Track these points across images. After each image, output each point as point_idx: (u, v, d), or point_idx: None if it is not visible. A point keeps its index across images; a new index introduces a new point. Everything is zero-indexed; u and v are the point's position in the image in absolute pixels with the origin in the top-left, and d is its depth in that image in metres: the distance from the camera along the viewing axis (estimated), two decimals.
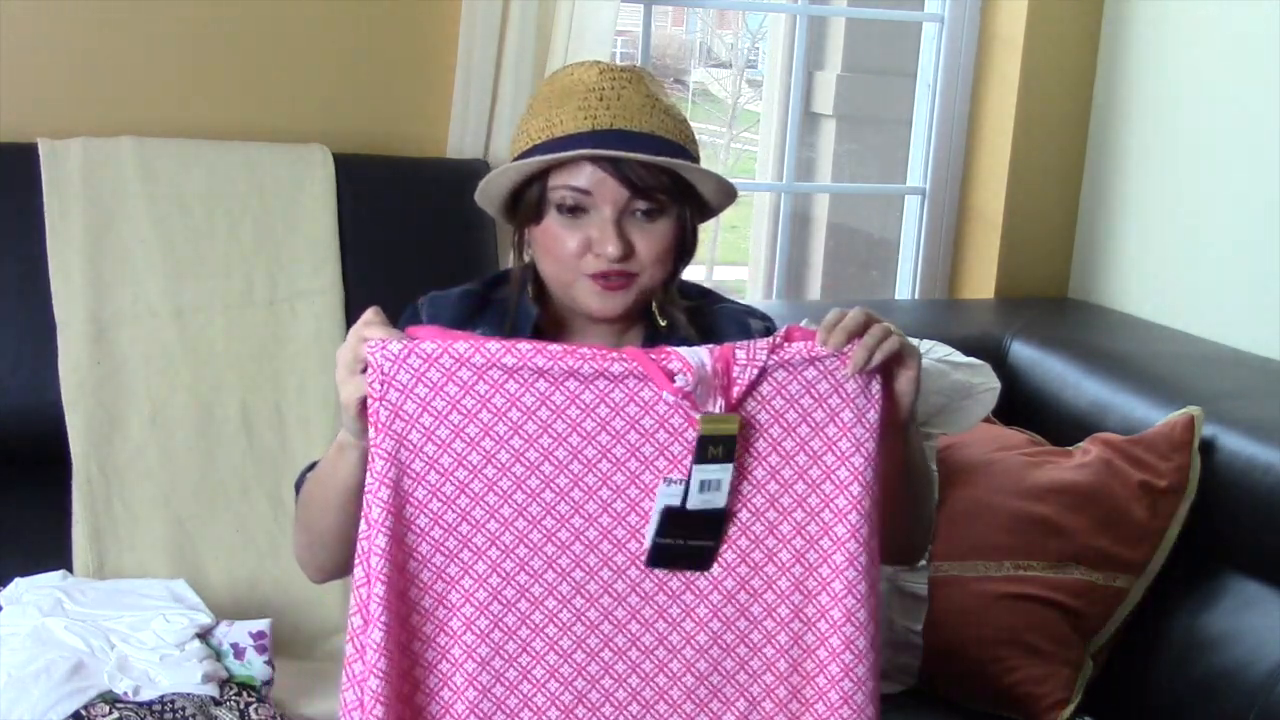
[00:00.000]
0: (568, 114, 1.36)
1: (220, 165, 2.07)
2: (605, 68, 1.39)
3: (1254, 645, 1.88)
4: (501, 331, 1.47)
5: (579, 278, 1.39)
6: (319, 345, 2.07)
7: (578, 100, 1.37)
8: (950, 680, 2.02)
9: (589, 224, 1.37)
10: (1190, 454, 2.04)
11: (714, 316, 1.54)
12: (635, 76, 1.39)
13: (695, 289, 1.57)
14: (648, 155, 1.34)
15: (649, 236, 1.38)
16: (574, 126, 1.35)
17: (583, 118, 1.36)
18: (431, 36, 2.32)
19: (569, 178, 1.36)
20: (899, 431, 1.31)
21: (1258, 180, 2.46)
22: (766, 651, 1.25)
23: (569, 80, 1.40)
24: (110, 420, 1.95)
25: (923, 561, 2.04)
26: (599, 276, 1.38)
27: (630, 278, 1.39)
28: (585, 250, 1.38)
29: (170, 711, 1.57)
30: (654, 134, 1.36)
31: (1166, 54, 2.67)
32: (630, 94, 1.37)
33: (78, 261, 1.96)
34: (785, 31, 3.34)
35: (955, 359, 2.21)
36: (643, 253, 1.38)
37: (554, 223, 1.38)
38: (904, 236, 2.99)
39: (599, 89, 1.37)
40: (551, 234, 1.39)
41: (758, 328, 1.54)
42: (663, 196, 1.37)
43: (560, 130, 1.36)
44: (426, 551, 1.21)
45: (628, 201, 1.36)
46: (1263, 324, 2.42)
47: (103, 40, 2.15)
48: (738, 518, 1.23)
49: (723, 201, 1.45)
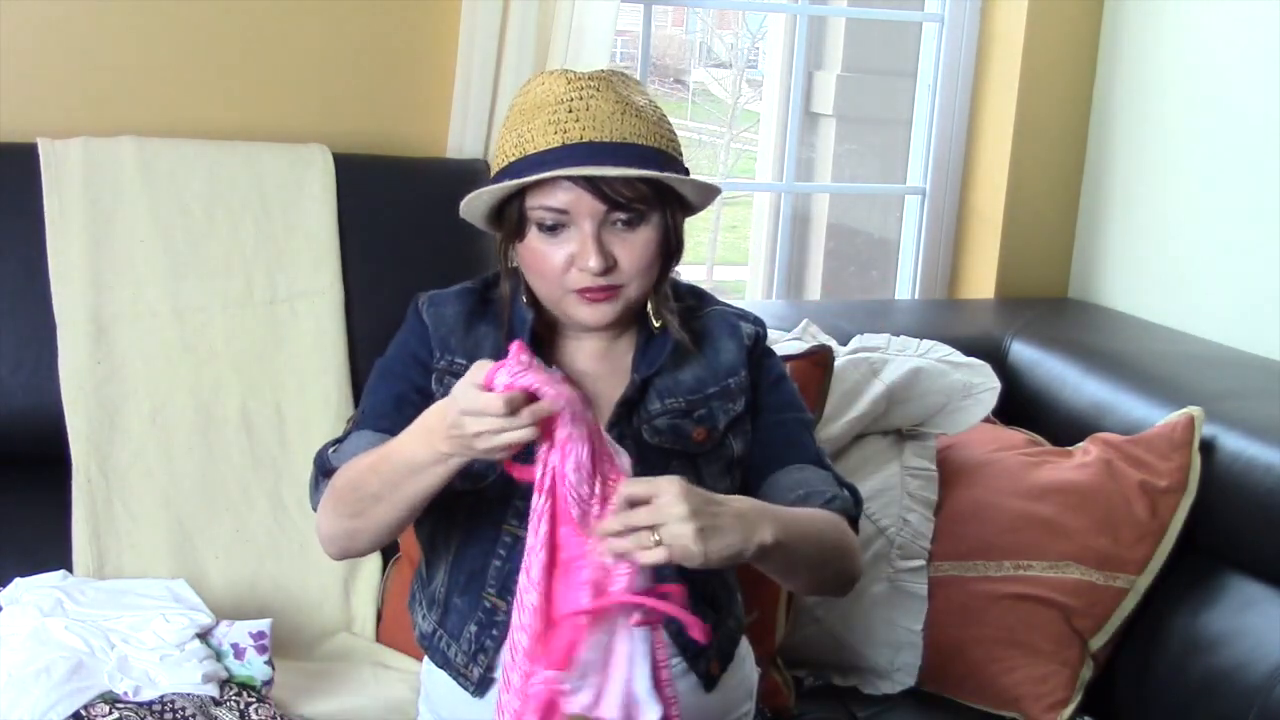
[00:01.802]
0: (538, 130, 1.35)
1: (220, 165, 2.07)
2: (573, 77, 1.38)
3: (1254, 645, 1.88)
4: (500, 335, 1.47)
5: (565, 293, 1.40)
6: (319, 345, 2.07)
7: (547, 114, 1.36)
8: (950, 680, 2.02)
9: (570, 239, 1.37)
10: (1190, 454, 2.04)
11: (706, 319, 1.54)
12: (604, 83, 1.38)
13: (689, 290, 1.58)
14: (619, 169, 1.33)
15: (630, 246, 1.38)
16: (545, 143, 1.35)
17: (553, 133, 1.35)
18: (431, 36, 2.32)
19: (545, 198, 1.36)
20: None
21: (1257, 180, 2.46)
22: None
23: (539, 92, 1.39)
24: (110, 420, 1.95)
25: (921, 562, 2.05)
26: (584, 291, 1.38)
27: (616, 289, 1.39)
28: (569, 266, 1.38)
29: (170, 711, 1.57)
30: (626, 141, 1.35)
31: (1166, 54, 2.67)
32: (599, 103, 1.36)
33: (78, 261, 1.96)
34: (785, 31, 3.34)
35: (955, 359, 2.21)
36: (625, 263, 1.38)
37: (536, 240, 1.39)
38: (904, 236, 2.99)
39: (567, 101, 1.36)
40: (535, 251, 1.39)
41: (748, 331, 1.54)
42: (640, 206, 1.37)
43: (531, 147, 1.35)
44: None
45: (605, 214, 1.36)
46: (1263, 324, 2.42)
47: (103, 40, 2.15)
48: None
49: (705, 198, 1.45)
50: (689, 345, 1.48)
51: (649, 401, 1.47)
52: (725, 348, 1.52)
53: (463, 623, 1.46)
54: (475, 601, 1.45)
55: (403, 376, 1.48)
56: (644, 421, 1.47)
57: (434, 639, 1.50)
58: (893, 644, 2.02)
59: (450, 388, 1.43)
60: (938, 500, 2.10)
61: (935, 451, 2.13)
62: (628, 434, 1.45)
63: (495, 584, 1.44)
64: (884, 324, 2.41)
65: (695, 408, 1.49)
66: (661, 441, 1.47)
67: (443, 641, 1.49)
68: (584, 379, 1.49)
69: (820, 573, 1.45)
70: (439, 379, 1.46)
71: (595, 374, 1.49)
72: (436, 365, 1.47)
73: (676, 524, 1.18)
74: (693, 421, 1.48)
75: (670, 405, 1.48)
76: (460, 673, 1.46)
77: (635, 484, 1.20)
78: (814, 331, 2.16)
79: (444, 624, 1.48)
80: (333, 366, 2.07)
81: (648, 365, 1.47)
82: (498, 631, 1.44)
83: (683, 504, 1.18)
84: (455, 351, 1.47)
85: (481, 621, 1.45)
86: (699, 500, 1.20)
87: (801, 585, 1.50)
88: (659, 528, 1.18)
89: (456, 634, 1.47)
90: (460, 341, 1.47)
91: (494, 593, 1.44)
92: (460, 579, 1.47)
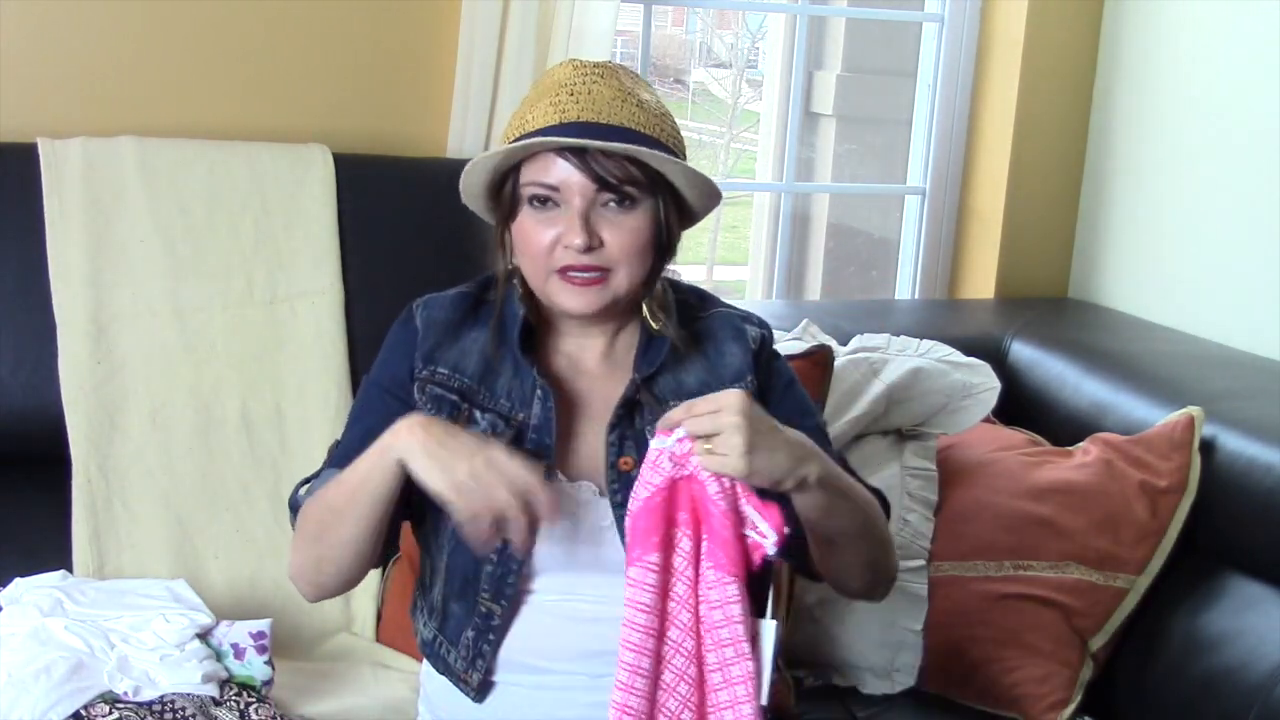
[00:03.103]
0: (539, 111, 1.38)
1: (220, 165, 2.07)
2: (580, 64, 1.41)
3: (1254, 645, 1.88)
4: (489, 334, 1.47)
5: (550, 274, 1.40)
6: (319, 345, 2.07)
7: (550, 97, 1.38)
8: (950, 680, 2.02)
9: (559, 218, 1.38)
10: (1190, 454, 2.04)
11: (709, 321, 1.53)
12: (609, 71, 1.40)
13: (692, 292, 1.57)
14: (608, 144, 1.33)
15: (618, 229, 1.38)
16: (543, 121, 1.37)
17: (552, 113, 1.36)
18: (431, 36, 2.33)
19: (537, 173, 1.37)
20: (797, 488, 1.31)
21: (1258, 180, 2.46)
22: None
23: (546, 80, 1.42)
24: (110, 420, 1.95)
25: (921, 562, 2.05)
26: (568, 270, 1.38)
27: (603, 273, 1.39)
28: (555, 245, 1.38)
29: (170, 711, 1.57)
30: (623, 126, 1.36)
31: (1166, 54, 2.67)
32: (601, 88, 1.37)
33: (78, 261, 1.96)
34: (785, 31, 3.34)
35: (955, 359, 2.22)
36: (611, 245, 1.38)
37: (527, 218, 1.40)
38: (904, 236, 2.99)
39: (569, 84, 1.38)
40: (524, 229, 1.40)
41: (754, 334, 1.53)
42: (631, 189, 1.37)
43: (530, 126, 1.37)
44: None
45: (595, 194, 1.36)
46: (1263, 324, 2.42)
47: (103, 40, 2.15)
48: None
49: (705, 201, 1.44)
50: (686, 345, 1.48)
51: (652, 403, 1.47)
52: (730, 350, 1.51)
53: (460, 628, 1.46)
54: (471, 606, 1.45)
55: (378, 408, 1.47)
56: (647, 422, 1.46)
57: (434, 645, 1.50)
58: (893, 644, 2.02)
59: (432, 397, 1.43)
60: (938, 500, 2.10)
61: (935, 451, 2.13)
62: (630, 435, 1.45)
63: (489, 588, 1.43)
64: (884, 324, 2.41)
65: None
66: None
67: (443, 648, 1.48)
68: (585, 379, 1.49)
69: (857, 546, 1.43)
70: (420, 388, 1.46)
71: (596, 373, 1.49)
72: (419, 375, 1.47)
73: (731, 433, 1.23)
74: None
75: (674, 407, 1.47)
76: (460, 678, 1.46)
77: (701, 400, 1.27)
78: (814, 331, 2.16)
79: (443, 630, 1.48)
80: (333, 366, 2.07)
81: (647, 365, 1.47)
82: (494, 636, 1.43)
83: (739, 416, 1.23)
84: (438, 362, 1.47)
85: (478, 626, 1.44)
86: (756, 417, 1.25)
87: (839, 555, 1.45)
88: (713, 436, 1.24)
89: (455, 639, 1.46)
90: (445, 351, 1.47)
91: (488, 597, 1.44)
92: (455, 584, 1.46)
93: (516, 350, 1.45)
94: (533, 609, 1.44)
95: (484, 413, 1.45)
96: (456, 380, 1.46)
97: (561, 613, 1.43)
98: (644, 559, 1.27)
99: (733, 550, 1.26)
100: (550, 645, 1.43)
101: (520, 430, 1.44)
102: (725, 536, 1.26)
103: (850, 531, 1.41)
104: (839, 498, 1.35)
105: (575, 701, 1.43)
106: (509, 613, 1.43)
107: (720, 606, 1.27)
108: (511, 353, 1.46)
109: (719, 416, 1.24)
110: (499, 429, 1.43)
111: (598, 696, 1.41)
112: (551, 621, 1.44)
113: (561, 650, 1.43)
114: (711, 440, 1.25)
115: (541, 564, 1.43)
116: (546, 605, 1.44)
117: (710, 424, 1.25)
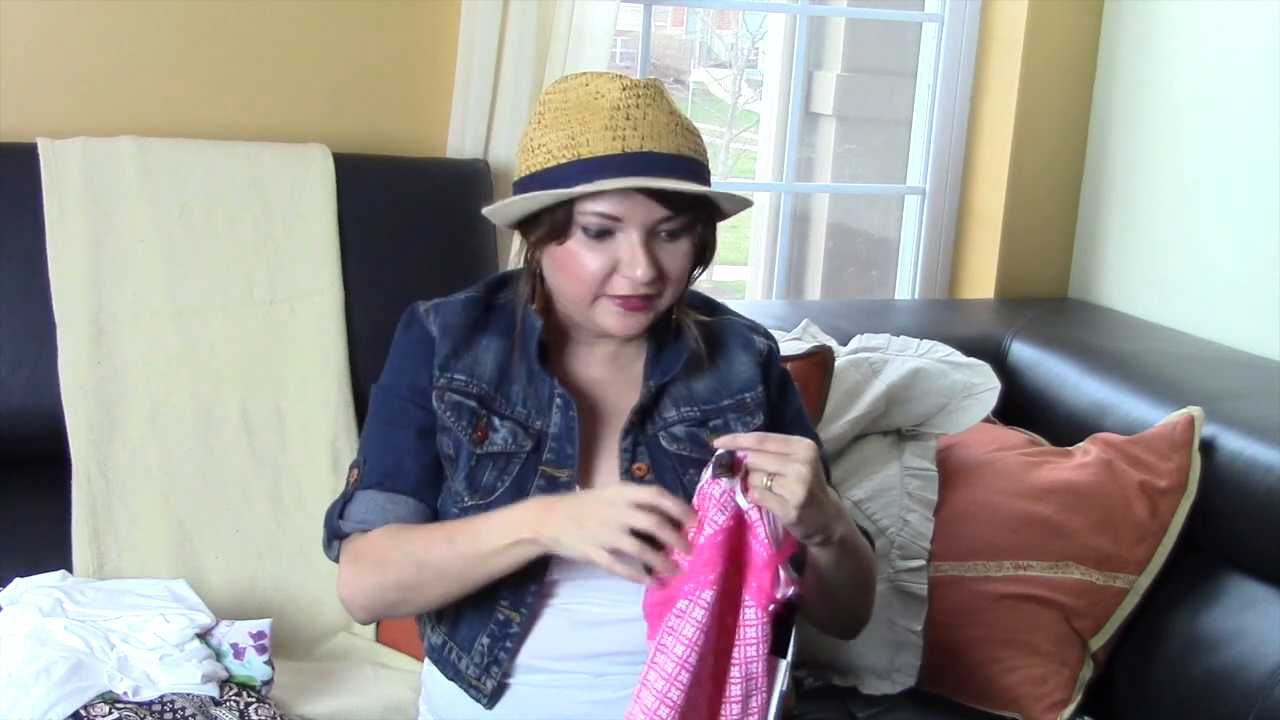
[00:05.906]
0: (595, 134, 1.34)
1: (220, 165, 2.07)
2: (628, 83, 1.37)
3: (1254, 645, 1.88)
4: (509, 343, 1.47)
5: (598, 299, 1.39)
6: (319, 345, 2.07)
7: (603, 119, 1.34)
8: (950, 680, 2.02)
9: (615, 246, 1.36)
10: (1190, 454, 2.04)
11: (720, 329, 1.53)
12: (656, 92, 1.37)
13: (701, 299, 1.57)
14: (687, 184, 1.33)
15: (674, 256, 1.38)
16: (603, 148, 1.33)
17: (610, 138, 1.33)
18: (431, 36, 2.32)
19: (600, 204, 1.34)
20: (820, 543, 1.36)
21: (1257, 180, 2.46)
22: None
23: (585, 94, 1.37)
24: (110, 420, 1.95)
25: (921, 562, 2.05)
26: (623, 299, 1.38)
27: (651, 299, 1.39)
28: (610, 272, 1.37)
29: (170, 711, 1.57)
30: (679, 154, 1.35)
31: (1166, 54, 2.67)
32: (655, 113, 1.35)
33: (78, 261, 1.96)
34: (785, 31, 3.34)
35: (955, 359, 2.21)
36: (670, 272, 1.38)
37: (578, 244, 1.37)
38: (904, 236, 2.99)
39: (624, 107, 1.34)
40: (574, 255, 1.37)
41: (761, 345, 1.54)
42: (689, 216, 1.37)
43: (588, 151, 1.34)
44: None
45: (656, 223, 1.36)
46: (1263, 324, 2.42)
47: (103, 40, 2.15)
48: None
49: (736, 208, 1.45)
50: (704, 355, 1.48)
51: (664, 409, 1.47)
52: (739, 360, 1.52)
53: (474, 635, 1.45)
54: (489, 614, 1.44)
55: (404, 420, 1.47)
56: (659, 429, 1.46)
57: (443, 651, 1.49)
58: (893, 644, 2.02)
59: (451, 404, 1.43)
60: (938, 500, 2.10)
61: (935, 451, 2.13)
62: (642, 441, 1.45)
63: (509, 597, 1.43)
64: (884, 324, 2.41)
65: (710, 417, 1.48)
66: (680, 449, 1.46)
67: (453, 654, 1.47)
68: (593, 386, 1.49)
69: (850, 596, 1.50)
70: (439, 395, 1.45)
71: (605, 381, 1.49)
72: (436, 383, 1.46)
73: (794, 480, 1.27)
74: (708, 431, 1.47)
75: (685, 414, 1.48)
76: (472, 685, 1.45)
77: (774, 437, 1.31)
78: (814, 331, 2.16)
79: (454, 636, 1.47)
80: (333, 366, 2.07)
81: (662, 373, 1.47)
82: (511, 644, 1.43)
83: (806, 468, 1.28)
84: (454, 368, 1.46)
85: (494, 634, 1.44)
86: (818, 473, 1.30)
87: (831, 603, 1.50)
88: (776, 476, 1.27)
89: (468, 646, 1.45)
90: (460, 357, 1.46)
91: (507, 605, 1.43)
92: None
93: (534, 359, 1.45)
94: (546, 614, 1.44)
95: (502, 420, 1.44)
96: (475, 386, 1.45)
97: (572, 616, 1.44)
98: (696, 594, 1.28)
99: (770, 590, 1.31)
100: (559, 648, 1.44)
101: (539, 439, 1.44)
102: (766, 577, 1.31)
103: (849, 585, 1.47)
104: (850, 555, 1.41)
105: (578, 699, 1.43)
106: (528, 620, 1.43)
107: (755, 644, 1.33)
108: (527, 360, 1.45)
109: (788, 461, 1.28)
110: (518, 437, 1.44)
111: (599, 694, 1.42)
112: (562, 625, 1.44)
113: (570, 652, 1.43)
114: (773, 479, 1.27)
115: (562, 572, 1.43)
116: (559, 610, 1.44)
117: (777, 465, 1.28)
